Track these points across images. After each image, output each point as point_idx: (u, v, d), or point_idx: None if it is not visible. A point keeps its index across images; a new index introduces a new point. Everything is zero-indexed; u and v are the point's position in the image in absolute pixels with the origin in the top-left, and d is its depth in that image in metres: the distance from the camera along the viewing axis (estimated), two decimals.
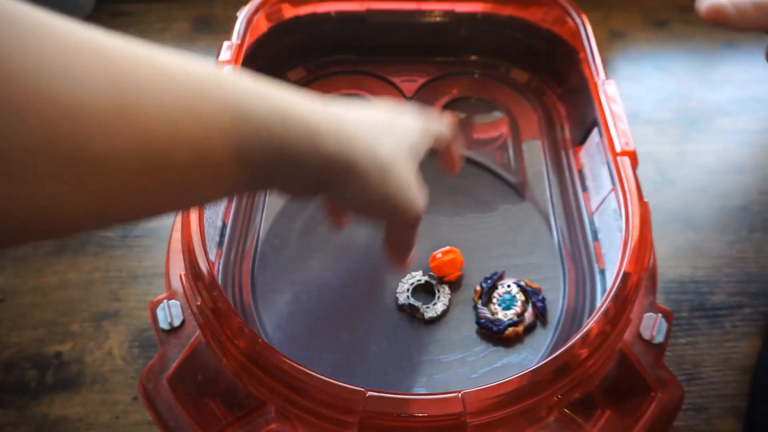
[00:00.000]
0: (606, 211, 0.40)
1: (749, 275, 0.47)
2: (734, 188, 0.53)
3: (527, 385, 0.28)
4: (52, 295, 0.44)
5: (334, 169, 0.24)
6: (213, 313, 0.30)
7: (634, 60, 0.65)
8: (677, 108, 0.60)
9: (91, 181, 0.17)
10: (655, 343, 0.31)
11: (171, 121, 0.19)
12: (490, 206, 0.45)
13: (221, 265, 0.40)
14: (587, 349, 0.29)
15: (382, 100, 0.33)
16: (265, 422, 0.29)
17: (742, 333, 0.43)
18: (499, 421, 0.28)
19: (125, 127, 0.17)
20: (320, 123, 0.24)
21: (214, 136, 0.20)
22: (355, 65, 0.55)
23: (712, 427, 0.39)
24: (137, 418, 0.39)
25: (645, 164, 0.54)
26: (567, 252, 0.42)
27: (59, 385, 0.40)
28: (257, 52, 0.49)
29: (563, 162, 0.48)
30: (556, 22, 0.51)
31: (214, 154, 0.20)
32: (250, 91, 0.21)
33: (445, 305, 0.39)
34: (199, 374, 0.30)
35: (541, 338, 0.38)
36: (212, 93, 0.20)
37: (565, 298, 0.40)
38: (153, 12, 0.68)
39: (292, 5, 0.51)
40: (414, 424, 0.27)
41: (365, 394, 0.27)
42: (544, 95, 0.53)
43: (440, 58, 0.56)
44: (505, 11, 0.53)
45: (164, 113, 0.18)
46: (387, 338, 0.38)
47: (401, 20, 0.53)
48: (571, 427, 0.29)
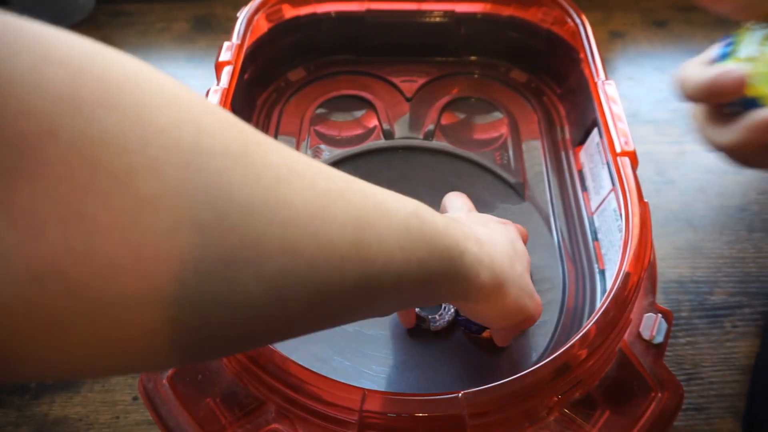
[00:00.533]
0: (606, 212, 0.40)
1: (749, 275, 0.47)
2: (733, 188, 0.53)
3: (527, 385, 0.28)
4: None
5: (484, 290, 0.28)
6: None
7: (634, 60, 0.65)
8: (677, 108, 0.60)
9: (322, 307, 0.20)
10: (655, 343, 0.31)
11: (385, 253, 0.21)
12: (490, 206, 0.45)
13: None
14: (587, 350, 0.29)
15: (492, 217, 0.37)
16: (265, 422, 0.29)
17: (741, 333, 0.43)
18: (499, 421, 0.28)
19: (360, 263, 0.20)
20: (482, 257, 0.27)
21: (413, 265, 0.23)
22: (355, 65, 0.55)
23: (712, 427, 0.39)
24: (137, 418, 0.39)
25: (644, 164, 0.54)
26: (567, 252, 0.42)
27: (59, 384, 0.40)
28: (257, 52, 0.49)
29: (563, 162, 0.48)
30: (556, 23, 0.51)
31: (411, 278, 0.23)
32: (440, 226, 0.24)
33: (452, 316, 0.38)
34: (199, 374, 0.30)
35: (541, 338, 0.38)
36: (414, 228, 0.23)
37: (565, 299, 0.40)
38: (153, 12, 0.68)
39: (292, 5, 0.51)
40: (414, 424, 0.27)
41: (365, 393, 0.27)
42: (544, 95, 0.53)
43: (440, 58, 0.56)
44: (505, 11, 0.53)
45: (383, 248, 0.21)
46: (387, 338, 0.38)
47: (401, 20, 0.53)
48: (571, 427, 0.29)
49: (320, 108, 0.52)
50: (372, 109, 0.52)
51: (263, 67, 0.51)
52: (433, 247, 0.23)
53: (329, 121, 0.51)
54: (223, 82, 0.41)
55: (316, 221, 0.18)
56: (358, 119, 0.51)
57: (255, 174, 0.17)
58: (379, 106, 0.52)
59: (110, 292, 0.14)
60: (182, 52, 0.64)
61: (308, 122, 0.51)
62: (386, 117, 0.51)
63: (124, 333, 0.15)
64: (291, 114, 0.52)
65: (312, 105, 0.52)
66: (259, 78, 0.51)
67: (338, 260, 0.19)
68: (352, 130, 0.51)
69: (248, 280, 0.17)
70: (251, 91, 0.51)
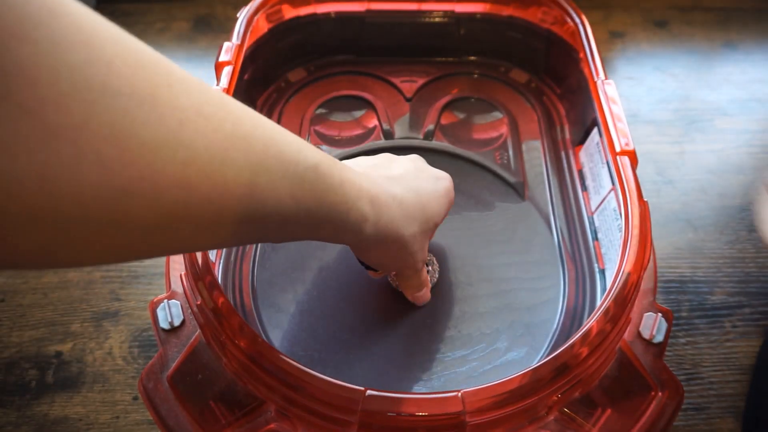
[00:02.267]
0: (606, 211, 0.40)
1: (749, 275, 0.47)
2: (734, 188, 0.53)
3: (527, 384, 0.28)
4: (53, 295, 0.45)
5: (365, 243, 0.30)
6: (213, 313, 0.30)
7: (634, 60, 0.65)
8: (677, 108, 0.60)
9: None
10: (655, 342, 0.31)
11: (276, 198, 0.23)
12: (490, 206, 0.45)
13: (221, 265, 0.40)
14: (587, 348, 0.29)
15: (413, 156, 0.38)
16: (264, 421, 0.29)
17: (741, 333, 0.43)
18: (499, 420, 0.28)
19: (251, 204, 0.22)
20: (369, 215, 0.29)
21: (302, 212, 0.25)
22: (355, 66, 0.55)
23: (712, 426, 0.39)
24: (137, 418, 0.39)
25: (645, 164, 0.54)
26: (567, 252, 0.42)
27: (59, 384, 0.40)
28: (257, 52, 0.49)
29: (563, 162, 0.48)
30: (556, 22, 0.51)
31: (299, 222, 0.25)
32: (335, 183, 0.26)
33: (435, 277, 0.39)
34: (199, 374, 0.30)
35: (542, 338, 0.38)
36: (309, 180, 0.25)
37: (565, 298, 0.40)
38: (153, 12, 0.68)
39: (292, 6, 0.51)
40: (413, 423, 0.27)
41: (364, 393, 0.27)
42: (544, 95, 0.53)
43: (440, 59, 0.56)
44: (505, 11, 0.53)
45: (274, 194, 0.23)
46: (387, 337, 0.38)
47: (401, 21, 0.53)
48: (571, 426, 0.29)
49: (320, 108, 0.52)
50: (372, 109, 0.52)
51: (263, 68, 0.51)
52: (323, 200, 0.26)
53: (329, 121, 0.51)
54: (223, 82, 0.41)
55: (215, 163, 0.20)
56: (358, 119, 0.51)
57: (159, 115, 0.18)
58: (379, 106, 0.52)
59: (14, 208, 0.16)
60: (182, 52, 0.64)
61: (308, 122, 0.51)
62: (386, 117, 0.51)
63: (22, 242, 0.17)
64: (291, 114, 0.52)
65: (312, 105, 0.52)
66: (259, 78, 0.51)
67: (232, 199, 0.21)
68: (352, 130, 0.51)
69: (143, 209, 0.19)
70: (251, 92, 0.51)
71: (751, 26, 0.69)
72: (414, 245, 0.33)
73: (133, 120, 0.18)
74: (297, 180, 0.24)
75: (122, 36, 0.19)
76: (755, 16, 0.70)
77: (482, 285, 0.40)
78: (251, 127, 0.22)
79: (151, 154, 0.18)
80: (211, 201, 0.20)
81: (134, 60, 0.18)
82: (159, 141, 0.18)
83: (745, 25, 0.69)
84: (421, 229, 0.33)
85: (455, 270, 0.41)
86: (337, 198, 0.26)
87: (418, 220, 0.33)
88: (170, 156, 0.19)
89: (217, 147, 0.20)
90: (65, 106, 0.16)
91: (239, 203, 0.22)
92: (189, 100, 0.20)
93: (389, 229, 0.31)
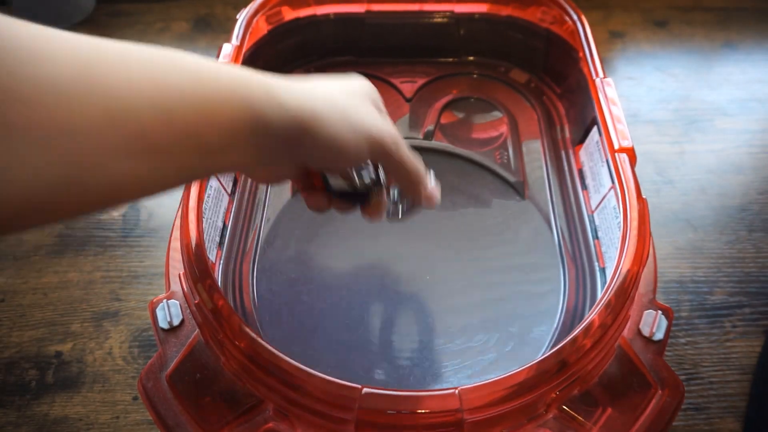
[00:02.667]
0: (606, 209, 0.40)
1: (749, 275, 0.47)
2: (734, 188, 0.53)
3: (525, 381, 0.28)
4: (53, 295, 0.45)
5: (301, 124, 0.27)
6: (211, 313, 0.30)
7: (634, 60, 0.65)
8: (677, 108, 0.60)
9: (61, 148, 0.20)
10: (655, 339, 0.31)
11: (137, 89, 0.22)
12: (490, 205, 0.45)
13: (221, 265, 0.40)
14: (590, 340, 0.29)
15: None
16: (263, 420, 0.29)
17: (741, 333, 0.43)
18: (497, 417, 0.28)
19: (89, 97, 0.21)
20: (281, 90, 0.28)
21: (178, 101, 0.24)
22: (354, 67, 0.55)
23: (712, 426, 0.39)
24: (137, 418, 0.39)
25: (644, 164, 0.54)
26: (567, 251, 0.42)
27: (59, 384, 0.40)
28: (257, 54, 0.49)
29: (563, 161, 0.48)
30: (555, 22, 0.51)
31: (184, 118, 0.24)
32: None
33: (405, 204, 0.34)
34: (197, 373, 0.30)
35: (542, 337, 0.38)
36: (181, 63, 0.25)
37: (565, 297, 0.40)
38: (153, 12, 0.68)
39: (291, 7, 0.51)
40: (411, 420, 0.27)
41: (362, 391, 0.27)
42: (544, 95, 0.53)
43: (440, 59, 0.56)
44: (504, 11, 0.53)
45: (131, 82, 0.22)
46: (386, 336, 0.38)
47: (400, 21, 0.54)
48: (571, 425, 0.29)
49: None
50: None
51: (263, 69, 0.51)
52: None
53: None
54: None
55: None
56: None
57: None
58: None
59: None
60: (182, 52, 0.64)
61: None
62: None
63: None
64: None
65: None
66: None
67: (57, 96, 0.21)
68: None
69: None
70: None
71: (751, 26, 0.69)
72: (356, 106, 0.30)
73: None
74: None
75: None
76: (755, 16, 0.70)
77: (482, 284, 0.40)
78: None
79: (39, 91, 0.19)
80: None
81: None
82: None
83: (745, 25, 0.69)
84: (352, 95, 0.30)
85: (455, 268, 0.41)
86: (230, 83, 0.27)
87: (342, 92, 0.30)
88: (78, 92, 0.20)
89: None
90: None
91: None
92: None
93: (318, 100, 0.28)
